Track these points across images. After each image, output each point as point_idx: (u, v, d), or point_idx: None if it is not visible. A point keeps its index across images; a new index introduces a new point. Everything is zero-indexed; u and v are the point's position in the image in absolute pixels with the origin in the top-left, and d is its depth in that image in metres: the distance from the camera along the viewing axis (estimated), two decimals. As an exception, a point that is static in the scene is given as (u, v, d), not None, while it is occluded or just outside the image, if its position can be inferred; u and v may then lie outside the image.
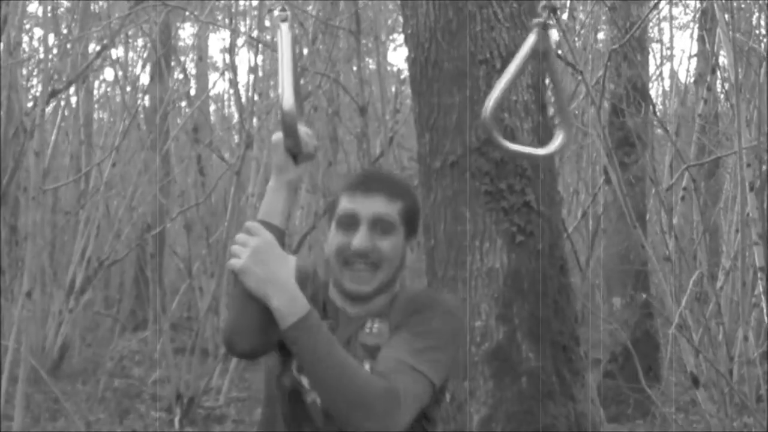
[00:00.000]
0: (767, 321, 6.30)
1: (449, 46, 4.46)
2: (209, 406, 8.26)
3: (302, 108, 2.37)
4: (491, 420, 4.22)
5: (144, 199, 10.18)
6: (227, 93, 18.69)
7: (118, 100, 10.92)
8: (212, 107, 17.15)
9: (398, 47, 18.27)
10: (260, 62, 10.22)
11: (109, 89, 14.72)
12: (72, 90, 10.51)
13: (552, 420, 4.23)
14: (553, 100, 2.55)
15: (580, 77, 6.43)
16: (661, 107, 14.39)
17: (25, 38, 14.07)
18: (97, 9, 11.93)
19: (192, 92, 12.41)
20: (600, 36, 12.40)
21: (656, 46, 17.14)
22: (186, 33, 18.50)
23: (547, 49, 2.44)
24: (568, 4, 9.26)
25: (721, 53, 7.63)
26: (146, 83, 11.61)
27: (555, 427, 4.23)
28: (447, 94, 4.45)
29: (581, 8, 10.09)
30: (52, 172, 10.63)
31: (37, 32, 15.40)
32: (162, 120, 10.47)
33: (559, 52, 6.98)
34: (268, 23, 10.07)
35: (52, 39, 10.80)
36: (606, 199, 9.22)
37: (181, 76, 11.43)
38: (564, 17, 8.84)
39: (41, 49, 9.92)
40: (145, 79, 11.78)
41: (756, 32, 8.06)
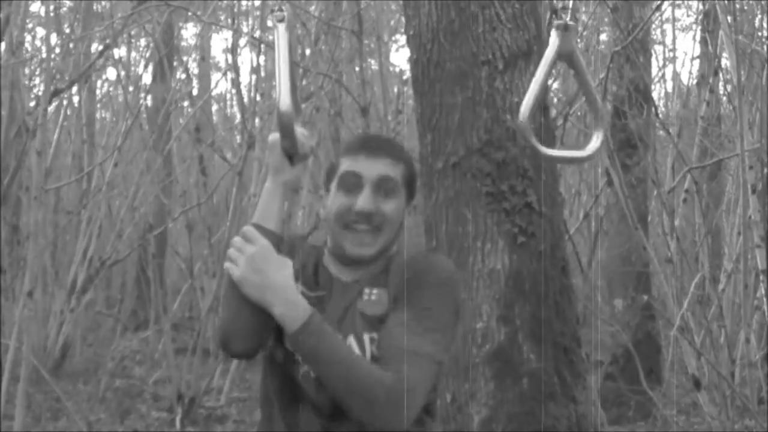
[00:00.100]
0: (769, 323, 6.31)
1: (451, 47, 4.46)
2: (210, 406, 8.26)
3: (299, 108, 2.36)
4: (492, 421, 4.22)
5: (146, 199, 10.17)
6: (229, 93, 18.73)
7: (121, 100, 10.91)
8: (214, 107, 17.20)
9: (400, 48, 18.27)
10: (263, 62, 10.21)
11: (112, 89, 14.71)
12: (74, 89, 10.52)
13: (553, 421, 4.23)
14: (586, 101, 2.52)
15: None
16: (664, 109, 14.40)
17: (28, 38, 14.09)
18: (100, 9, 11.94)
19: (194, 92, 12.42)
20: (602, 37, 12.41)
21: (659, 48, 17.17)
22: (188, 33, 18.50)
23: (571, 50, 2.43)
24: (571, 6, 9.25)
25: (724, 55, 7.63)
26: (148, 83, 11.62)
27: (556, 429, 4.22)
28: (449, 95, 4.44)
29: (584, 10, 10.08)
30: (55, 172, 10.63)
31: (40, 32, 15.44)
32: (164, 120, 10.49)
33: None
34: (271, 23, 10.06)
35: (55, 38, 10.83)
36: (608, 201, 9.21)
37: (184, 76, 11.42)
38: (567, 18, 8.83)
39: (44, 49, 9.94)
40: (148, 79, 11.81)
41: (759, 34, 8.05)
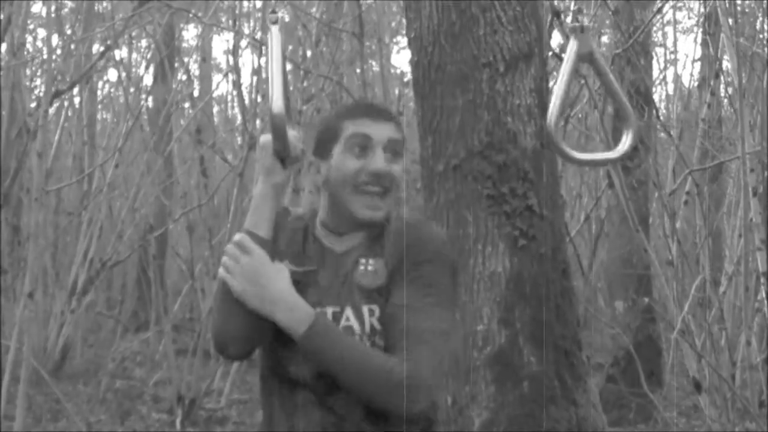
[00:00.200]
0: (770, 326, 6.30)
1: (452, 49, 4.46)
2: (211, 408, 8.25)
3: (290, 110, 2.35)
4: (492, 424, 4.21)
5: (147, 201, 10.18)
6: (230, 94, 18.72)
7: (122, 101, 10.91)
8: (215, 109, 17.20)
9: (401, 50, 18.28)
10: (263, 64, 10.21)
11: (113, 90, 14.72)
12: (75, 91, 10.52)
13: (554, 424, 4.22)
14: (611, 101, 2.50)
15: (584, 82, 6.42)
16: (665, 111, 14.39)
17: (29, 39, 14.09)
18: (101, 10, 11.95)
19: (195, 94, 12.40)
20: (604, 40, 12.42)
21: (660, 50, 17.16)
22: (189, 34, 18.51)
23: (590, 51, 2.40)
24: (572, 8, 9.25)
25: (725, 58, 7.63)
26: (149, 84, 11.63)
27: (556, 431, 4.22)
28: (450, 97, 4.44)
29: (585, 12, 10.08)
30: (55, 173, 10.65)
31: (41, 33, 15.45)
32: (165, 121, 10.49)
33: (563, 56, 6.98)
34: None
35: (56, 40, 10.83)
36: (609, 203, 9.21)
37: (185, 78, 11.41)
38: (568, 20, 8.83)
39: (45, 50, 9.93)
40: (149, 81, 11.81)
41: (760, 37, 8.06)
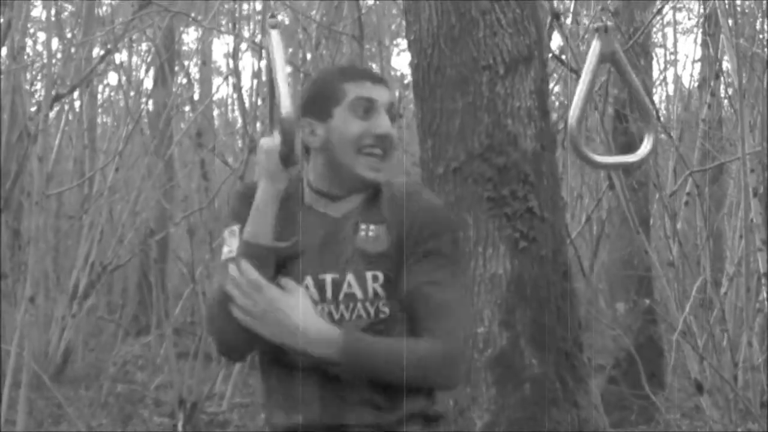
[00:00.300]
0: (771, 327, 6.30)
1: (452, 52, 4.45)
2: (212, 412, 8.25)
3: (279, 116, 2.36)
4: (494, 426, 4.21)
5: (147, 204, 10.18)
6: (231, 98, 18.72)
7: (122, 105, 10.90)
8: (216, 112, 17.19)
9: (401, 52, 18.24)
10: (263, 67, 10.21)
11: (113, 94, 14.69)
12: (76, 94, 10.50)
13: (555, 426, 4.22)
14: (634, 102, 2.46)
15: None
16: (665, 112, 14.37)
17: (29, 42, 14.09)
18: (101, 14, 11.94)
19: (195, 97, 12.40)
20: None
21: (660, 51, 17.14)
22: (189, 38, 18.49)
23: (613, 51, 2.38)
24: (572, 9, 9.26)
25: (725, 58, 7.63)
26: (150, 88, 11.62)
27: (558, 434, 4.22)
28: (450, 100, 4.44)
29: (585, 13, 10.08)
30: (56, 177, 10.63)
31: (41, 36, 15.43)
32: (165, 125, 10.49)
33: (563, 57, 6.98)
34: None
35: (56, 43, 10.83)
36: (609, 204, 9.21)
37: (185, 81, 11.41)
38: (568, 22, 8.83)
39: (45, 54, 9.93)
40: (149, 84, 11.80)
41: (759, 37, 8.06)
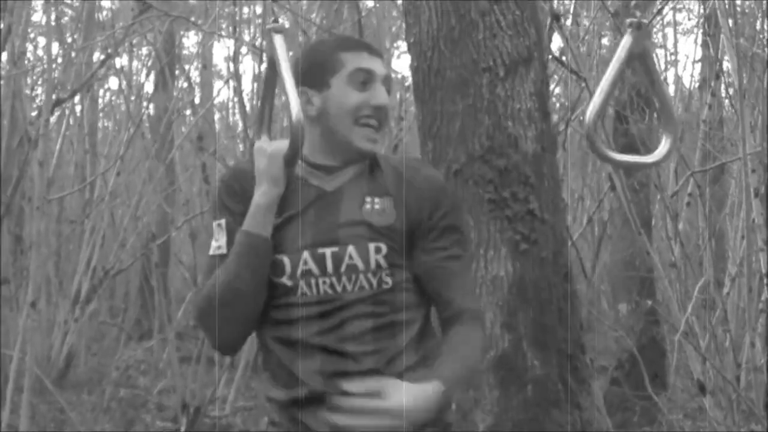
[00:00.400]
0: (774, 327, 6.29)
1: (452, 54, 4.45)
2: (215, 416, 8.24)
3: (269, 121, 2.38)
4: (497, 428, 4.21)
5: (149, 208, 10.18)
6: (232, 101, 18.70)
7: (123, 109, 10.92)
8: (217, 115, 17.14)
9: (402, 54, 18.23)
10: (264, 71, 10.23)
11: (114, 98, 14.72)
12: (76, 99, 10.52)
13: (558, 428, 4.22)
14: (657, 104, 2.40)
15: (584, 84, 6.41)
16: (666, 113, 14.36)
17: (30, 47, 14.10)
18: (101, 18, 11.95)
19: (196, 101, 12.41)
20: (604, 42, 12.41)
21: (660, 52, 17.15)
22: (190, 42, 18.52)
23: (644, 50, 2.33)
24: (572, 10, 9.26)
25: (725, 59, 7.62)
26: (150, 92, 11.63)
27: (561, 436, 4.22)
28: (450, 102, 4.44)
29: (585, 14, 10.08)
30: (57, 182, 10.64)
31: (41, 41, 15.45)
32: (166, 129, 10.50)
33: (563, 59, 6.97)
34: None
35: (56, 48, 10.83)
36: (611, 206, 9.21)
37: (186, 85, 11.41)
38: (568, 24, 8.83)
39: (45, 59, 9.93)
40: (150, 88, 11.81)
41: (760, 38, 8.05)
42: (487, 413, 4.23)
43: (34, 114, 9.71)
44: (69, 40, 10.92)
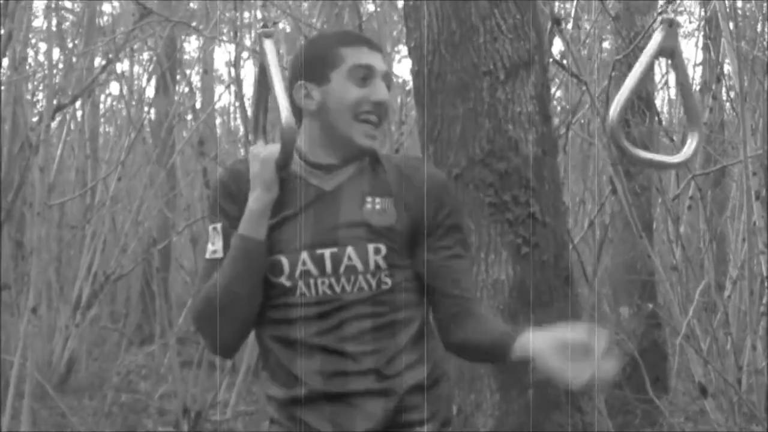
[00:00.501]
0: (775, 330, 6.29)
1: (452, 58, 4.45)
2: (216, 420, 8.23)
3: (264, 126, 2.38)
4: (498, 432, 4.21)
5: (150, 213, 10.17)
6: (233, 106, 18.71)
7: (124, 114, 10.92)
8: (218, 120, 17.20)
9: (403, 58, 18.24)
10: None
11: (115, 103, 14.75)
12: (77, 104, 10.52)
13: (559, 431, 4.22)
14: (683, 102, 2.36)
15: (585, 87, 6.41)
16: (667, 116, 14.38)
17: (31, 53, 14.12)
18: (102, 24, 11.97)
19: (197, 105, 12.43)
20: (605, 45, 12.41)
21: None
22: (191, 47, 18.51)
23: (674, 47, 2.32)
24: (573, 14, 9.26)
25: (726, 62, 7.63)
26: (151, 97, 11.65)
27: (562, 439, 4.21)
28: (450, 106, 4.44)
29: (586, 18, 10.08)
30: (58, 187, 10.64)
31: (42, 47, 15.47)
32: (167, 134, 10.50)
33: (564, 62, 6.98)
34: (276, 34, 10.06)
35: (57, 54, 10.84)
36: (612, 209, 9.20)
37: (187, 90, 11.42)
38: (569, 27, 8.83)
39: (46, 64, 9.94)
40: (151, 93, 11.83)
41: (760, 41, 8.05)
42: (488, 417, 4.23)
43: (35, 119, 9.73)
44: (70, 46, 10.93)
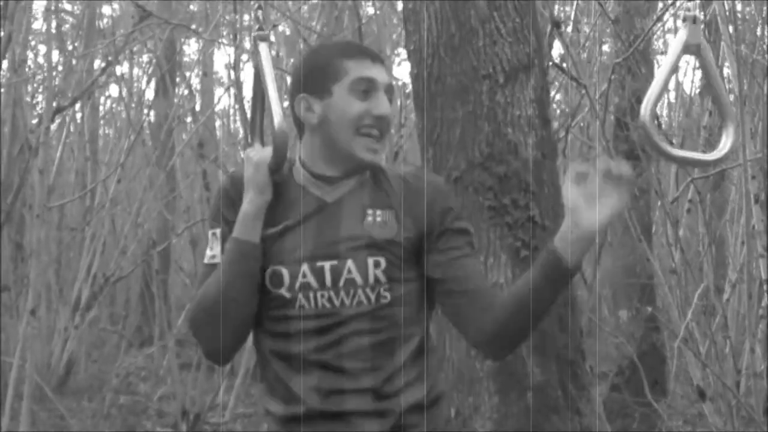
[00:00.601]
0: (774, 333, 6.29)
1: (452, 61, 4.46)
2: (215, 422, 8.24)
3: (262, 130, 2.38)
4: (497, 435, 4.21)
5: (149, 215, 10.16)
6: (232, 108, 18.71)
7: (123, 117, 10.93)
8: (217, 123, 17.17)
9: (402, 62, 18.23)
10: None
11: (114, 106, 14.73)
12: (77, 107, 10.52)
13: (558, 434, 4.22)
14: (714, 99, 2.33)
15: (584, 91, 6.42)
16: (666, 119, 14.37)
17: (30, 55, 14.12)
18: (102, 26, 11.96)
19: (197, 108, 12.43)
20: (604, 49, 12.40)
21: (661, 58, 17.13)
22: (190, 49, 18.50)
23: (699, 43, 2.28)
24: (572, 17, 9.26)
25: (726, 65, 7.63)
26: (151, 99, 11.64)
27: (561, 442, 4.21)
28: (450, 109, 4.44)
29: (585, 21, 10.08)
30: (58, 189, 10.63)
31: (42, 49, 15.47)
32: (167, 136, 10.49)
33: (564, 66, 6.98)
34: (273, 38, 10.08)
35: (57, 56, 10.85)
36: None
37: (186, 92, 11.42)
38: (568, 30, 8.84)
39: (46, 66, 9.95)
40: (150, 95, 11.82)
41: (760, 44, 8.06)
42: (487, 420, 4.23)
43: (35, 122, 9.72)
44: (69, 48, 10.93)
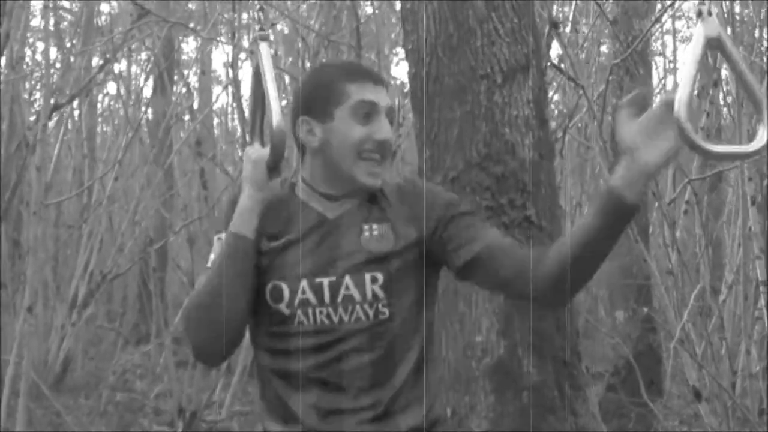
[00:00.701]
0: (770, 335, 6.30)
1: (450, 61, 4.46)
2: (212, 420, 8.24)
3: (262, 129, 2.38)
4: (493, 435, 4.22)
5: (147, 213, 10.17)
6: (230, 106, 18.72)
7: (121, 114, 10.91)
8: (215, 121, 17.18)
9: (401, 61, 18.24)
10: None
11: (112, 103, 14.72)
12: (75, 104, 10.52)
13: (554, 435, 4.23)
14: (744, 91, 2.28)
15: (582, 91, 6.43)
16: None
17: (28, 52, 14.10)
18: (100, 23, 11.97)
19: (195, 106, 12.41)
20: (603, 49, 12.42)
21: (659, 60, 17.17)
22: (189, 47, 18.51)
23: (718, 35, 2.20)
24: (570, 18, 9.27)
25: (724, 67, 7.63)
26: (149, 97, 11.63)
27: (556, 442, 4.22)
28: (448, 110, 4.45)
29: (584, 22, 10.10)
30: (55, 186, 10.63)
31: (40, 46, 15.45)
32: (165, 134, 10.50)
33: (562, 66, 6.99)
34: (272, 37, 10.06)
35: (55, 53, 10.85)
36: (608, 213, 9.17)
37: (184, 90, 11.42)
38: (566, 31, 8.84)
39: (44, 64, 9.95)
40: (148, 93, 11.81)
41: (758, 46, 8.07)
42: (483, 419, 4.24)
43: (33, 119, 9.70)
44: (68, 45, 10.95)
